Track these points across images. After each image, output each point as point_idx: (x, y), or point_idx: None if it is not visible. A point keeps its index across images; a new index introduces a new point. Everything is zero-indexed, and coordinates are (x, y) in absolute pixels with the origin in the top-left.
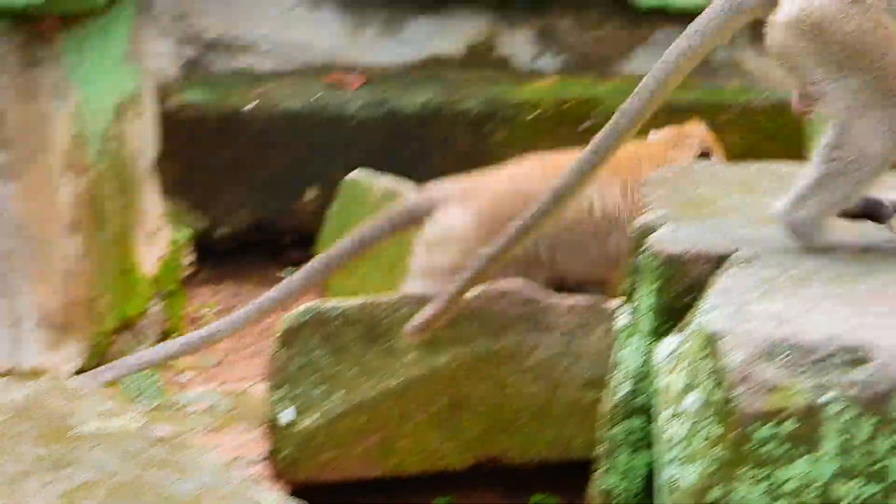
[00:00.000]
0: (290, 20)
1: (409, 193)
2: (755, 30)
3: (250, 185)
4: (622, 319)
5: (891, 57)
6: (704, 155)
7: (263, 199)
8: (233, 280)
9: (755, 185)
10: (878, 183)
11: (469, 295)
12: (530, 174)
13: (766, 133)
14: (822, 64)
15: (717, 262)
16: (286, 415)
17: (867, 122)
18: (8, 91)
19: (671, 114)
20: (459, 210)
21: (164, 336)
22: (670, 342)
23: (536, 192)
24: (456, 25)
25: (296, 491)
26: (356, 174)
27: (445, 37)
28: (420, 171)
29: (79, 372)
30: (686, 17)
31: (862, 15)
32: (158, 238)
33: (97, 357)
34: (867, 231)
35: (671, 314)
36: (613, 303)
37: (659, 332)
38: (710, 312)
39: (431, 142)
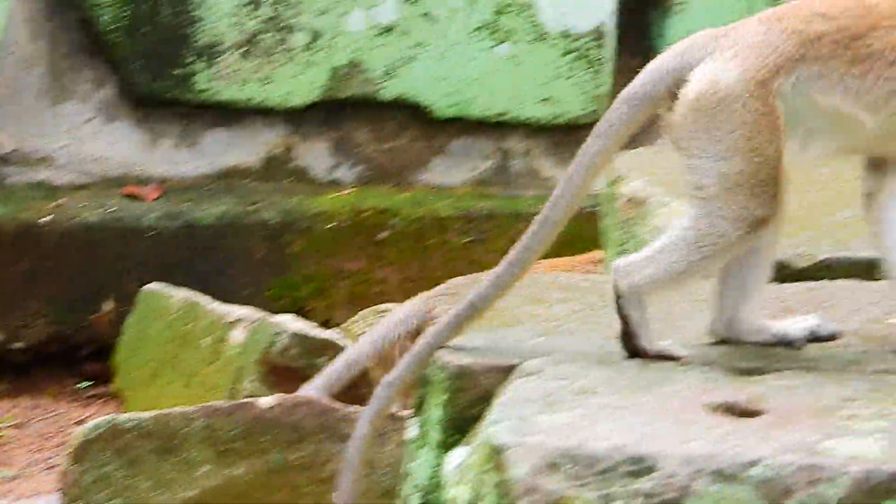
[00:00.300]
0: (86, 133)
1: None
2: (551, 139)
3: (47, 297)
4: (412, 431)
5: (773, 149)
6: None
7: (60, 311)
8: (30, 393)
9: (546, 296)
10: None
11: (265, 405)
12: None
13: (565, 243)
14: (713, 142)
15: (505, 373)
16: None
17: (729, 206)
18: None
19: (470, 222)
20: None
21: None
22: (458, 454)
23: None
24: (252, 137)
25: None
26: (153, 286)
27: (242, 148)
28: (218, 283)
29: None
30: (483, 126)
31: (762, 100)
32: None
33: None
34: (663, 339)
35: (460, 426)
36: (407, 412)
37: (448, 444)
38: (495, 424)
39: (229, 253)
